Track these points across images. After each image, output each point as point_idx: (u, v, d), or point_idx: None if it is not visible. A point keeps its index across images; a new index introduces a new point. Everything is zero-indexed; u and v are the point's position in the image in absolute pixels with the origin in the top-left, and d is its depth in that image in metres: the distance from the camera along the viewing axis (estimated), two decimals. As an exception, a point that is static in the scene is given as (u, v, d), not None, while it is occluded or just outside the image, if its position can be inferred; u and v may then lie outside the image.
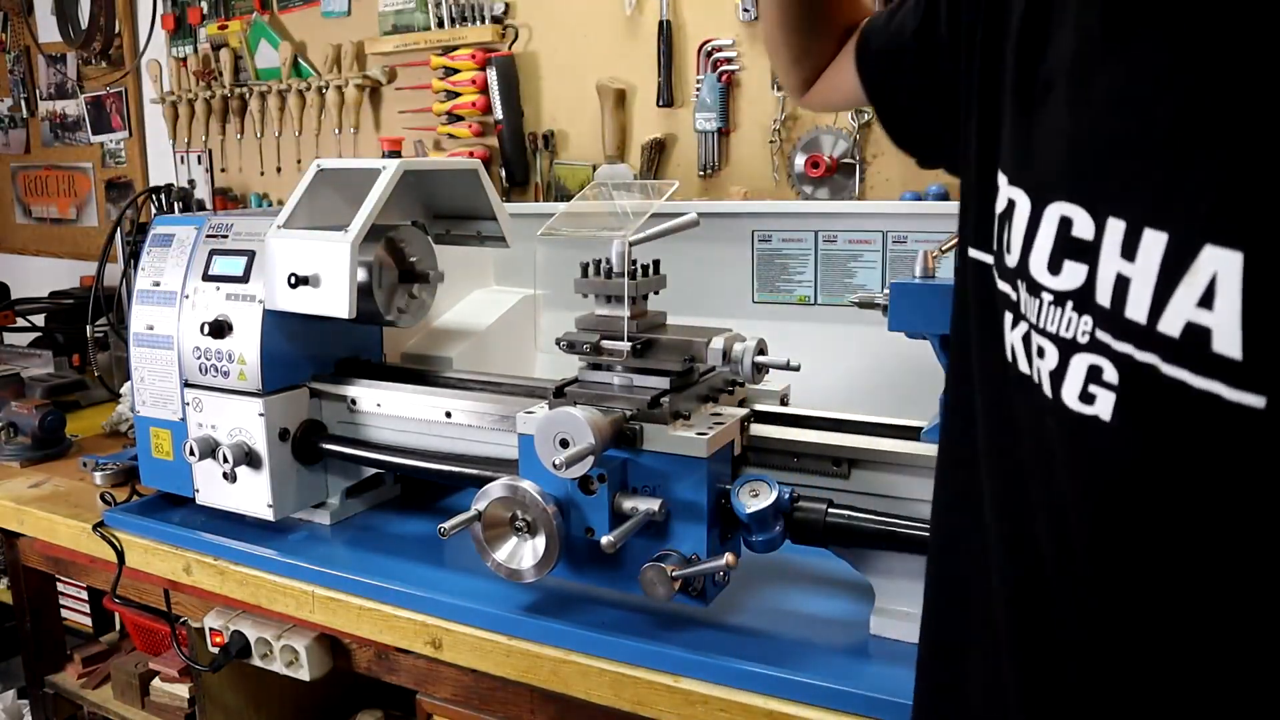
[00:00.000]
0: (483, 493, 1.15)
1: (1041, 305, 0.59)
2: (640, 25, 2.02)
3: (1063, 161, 0.59)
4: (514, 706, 1.25)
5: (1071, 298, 0.57)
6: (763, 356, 1.16)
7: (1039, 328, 0.60)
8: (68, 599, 2.51)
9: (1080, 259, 0.56)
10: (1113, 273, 0.54)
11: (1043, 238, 0.59)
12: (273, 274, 1.39)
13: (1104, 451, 0.56)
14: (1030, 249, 0.60)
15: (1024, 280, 0.61)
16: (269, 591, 1.40)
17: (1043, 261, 0.59)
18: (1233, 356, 0.49)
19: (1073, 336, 0.57)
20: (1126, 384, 0.54)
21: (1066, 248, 0.57)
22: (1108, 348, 0.55)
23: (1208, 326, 0.49)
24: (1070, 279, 0.57)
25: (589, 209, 1.29)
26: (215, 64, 2.68)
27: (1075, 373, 0.57)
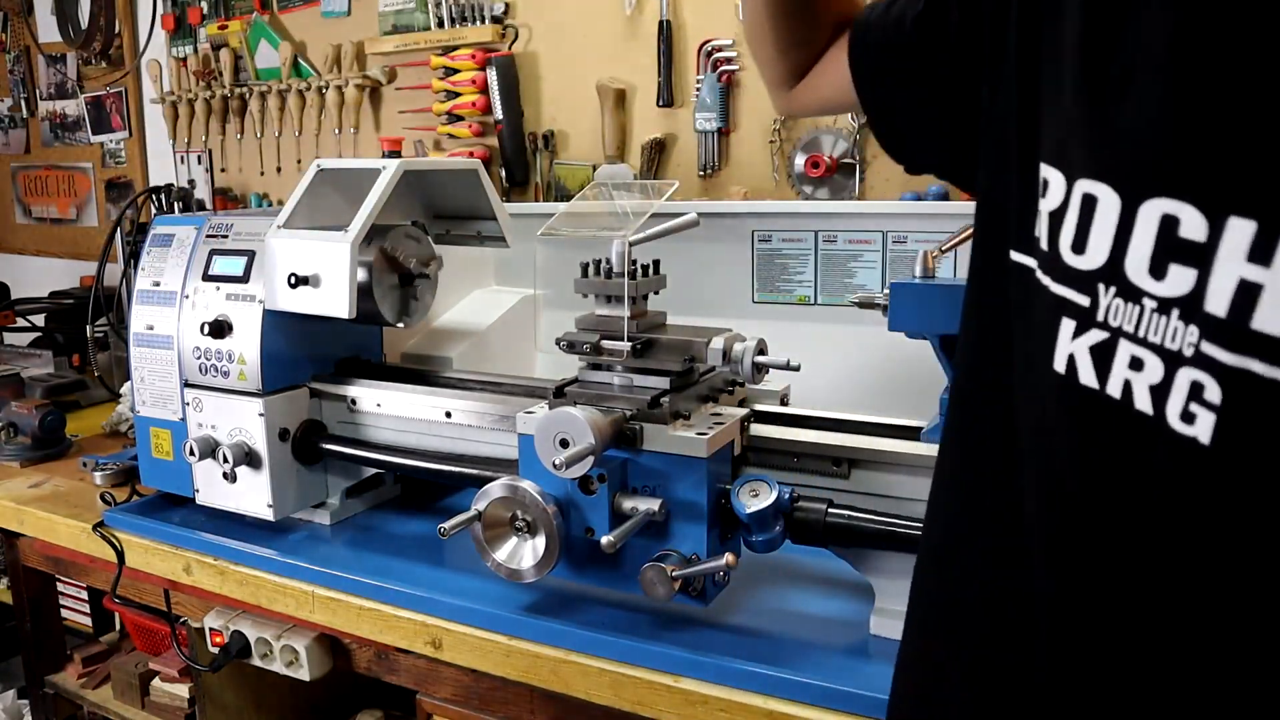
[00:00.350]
0: (483, 493, 1.15)
1: (1143, 312, 0.53)
2: (640, 25, 2.02)
3: (1162, 154, 0.52)
4: (514, 706, 1.25)
5: (1178, 305, 0.51)
6: (763, 356, 1.16)
7: (1139, 337, 0.53)
8: (68, 599, 2.51)
9: (1188, 263, 0.50)
10: (1233, 279, 0.48)
11: (1140, 238, 0.53)
12: (273, 274, 1.39)
13: (1200, 476, 0.51)
14: (1125, 250, 0.53)
15: (1114, 284, 0.54)
16: (269, 591, 1.40)
17: (1142, 264, 0.52)
18: None
19: (1178, 348, 0.51)
20: (1234, 403, 0.48)
21: (1171, 249, 0.51)
22: (1215, 362, 0.49)
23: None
24: (1177, 284, 0.51)
25: (589, 209, 1.29)
26: (215, 64, 2.68)
27: (1179, 389, 0.51)
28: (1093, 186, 0.55)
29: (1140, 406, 0.53)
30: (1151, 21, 0.53)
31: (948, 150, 0.77)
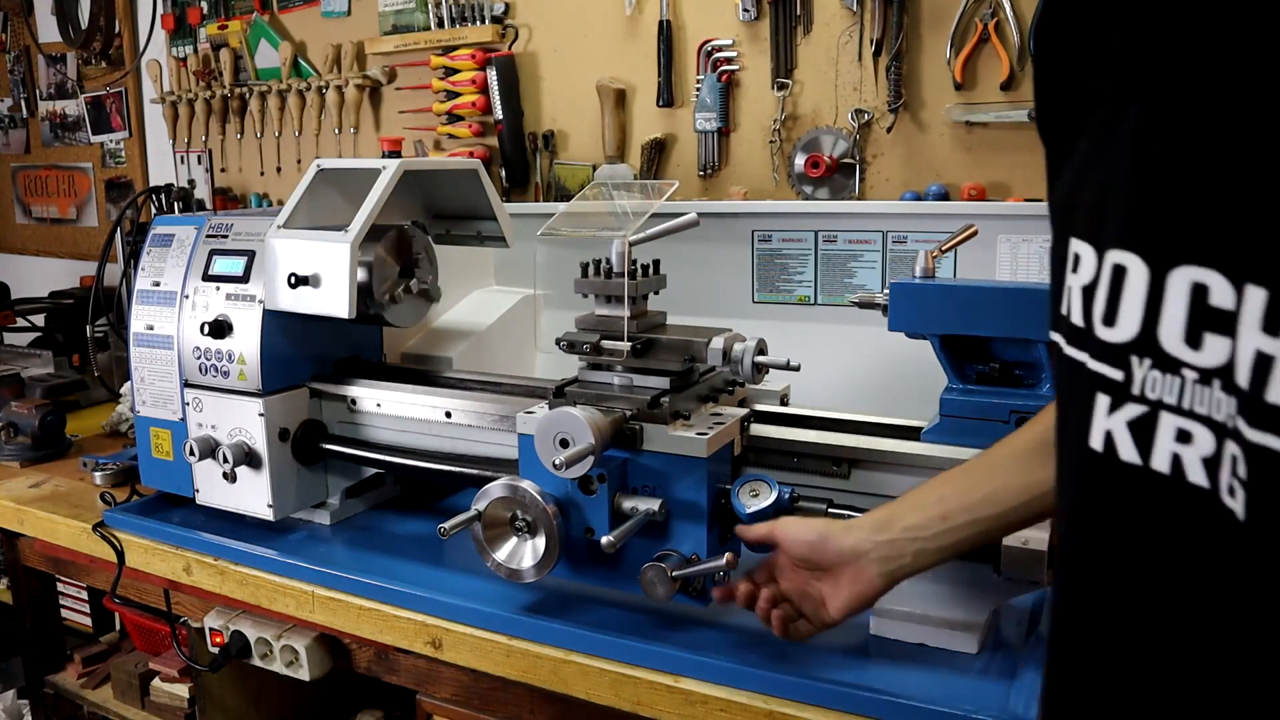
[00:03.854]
0: (483, 493, 1.15)
1: (1184, 384, 0.51)
2: (640, 25, 2.02)
3: (1187, 222, 0.51)
4: (514, 706, 1.25)
5: (1218, 376, 0.49)
6: (763, 356, 1.16)
7: (1183, 409, 0.52)
8: (68, 599, 2.51)
9: (1222, 332, 0.49)
10: (1252, 350, 0.47)
11: (1173, 307, 0.51)
12: (273, 274, 1.39)
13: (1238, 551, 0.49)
14: (1158, 320, 0.52)
15: (1149, 356, 0.53)
16: (269, 591, 1.40)
17: (1177, 334, 0.51)
18: None
19: (1224, 420, 0.49)
20: (1260, 479, 0.47)
21: (1205, 319, 0.49)
22: (1242, 437, 0.48)
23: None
24: (1213, 354, 0.49)
25: (589, 209, 1.29)
26: (215, 64, 2.68)
27: (1227, 461, 0.49)
28: (1124, 257, 0.54)
29: (1194, 479, 0.52)
30: (1162, 93, 0.53)
31: None
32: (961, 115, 1.74)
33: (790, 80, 1.88)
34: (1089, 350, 0.57)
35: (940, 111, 1.77)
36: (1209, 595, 0.52)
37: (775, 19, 1.87)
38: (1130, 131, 0.55)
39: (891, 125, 1.80)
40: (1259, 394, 0.47)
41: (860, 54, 1.81)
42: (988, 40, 1.70)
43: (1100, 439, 0.56)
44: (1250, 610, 0.50)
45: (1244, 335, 0.47)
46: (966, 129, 1.75)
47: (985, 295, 1.14)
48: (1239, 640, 0.51)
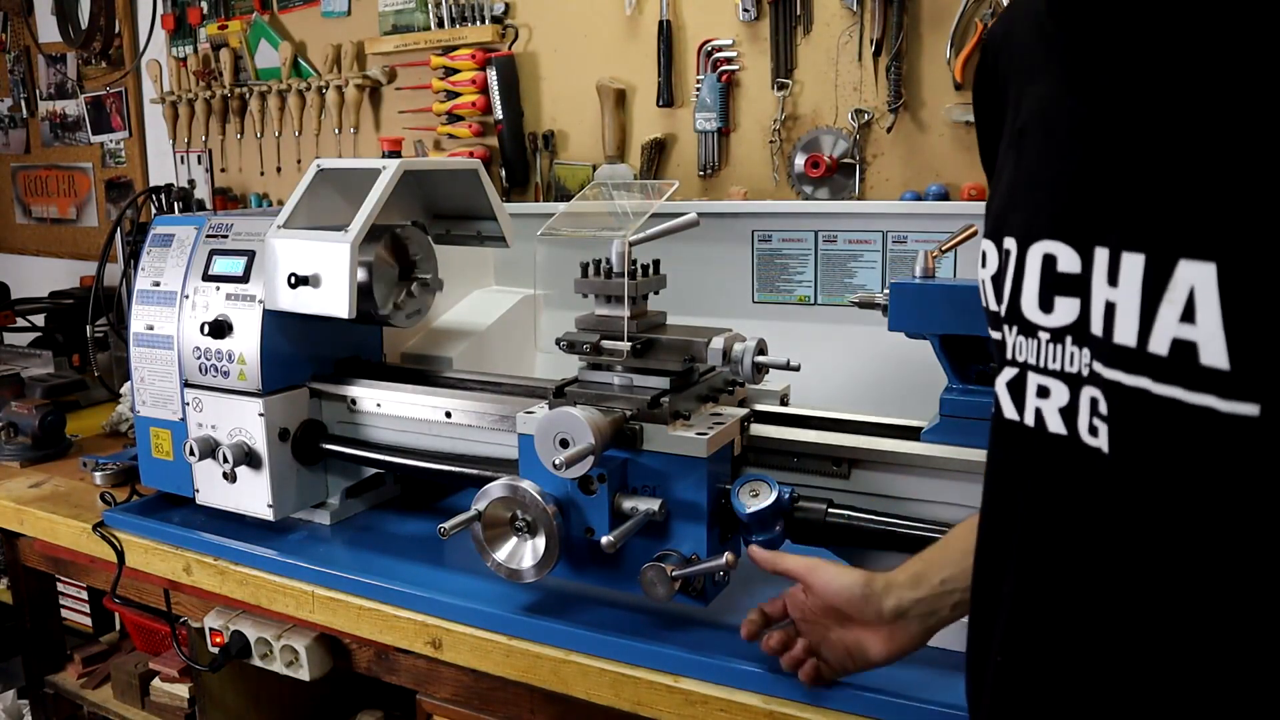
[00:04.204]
0: (483, 493, 1.15)
1: (1040, 344, 0.59)
2: (640, 25, 2.02)
3: (1042, 202, 0.60)
4: (514, 706, 1.25)
5: (1070, 332, 0.57)
6: (763, 356, 1.16)
7: (1039, 367, 0.60)
8: (68, 599, 2.51)
9: (1071, 293, 0.57)
10: (1102, 301, 0.54)
11: (1029, 278, 0.60)
12: (273, 274, 1.39)
13: (1106, 486, 0.56)
14: (1020, 291, 0.60)
15: (1015, 323, 0.61)
16: (269, 591, 1.40)
17: (1033, 300, 0.59)
18: (1221, 367, 0.49)
19: (1077, 371, 0.57)
20: (1118, 413, 0.54)
21: (1055, 284, 0.58)
22: (1100, 377, 0.55)
23: (1193, 340, 0.49)
24: (1064, 314, 0.58)
25: (589, 209, 1.29)
26: (215, 64, 2.68)
27: (1085, 407, 0.57)
28: (1008, 242, 0.63)
29: (1054, 429, 0.59)
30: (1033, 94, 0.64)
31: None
32: (961, 115, 1.74)
33: (790, 80, 1.88)
34: (997, 328, 0.66)
35: (940, 111, 1.77)
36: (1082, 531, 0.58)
37: (775, 19, 1.87)
38: (1015, 137, 0.65)
39: (891, 125, 1.80)
40: (1109, 337, 0.54)
41: (860, 54, 1.81)
42: (988, 40, 1.70)
43: (994, 400, 0.65)
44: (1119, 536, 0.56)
45: (1095, 290, 0.55)
46: (966, 129, 1.75)
47: (985, 295, 1.14)
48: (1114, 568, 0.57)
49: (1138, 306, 0.52)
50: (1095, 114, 0.57)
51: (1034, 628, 0.63)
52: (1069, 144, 0.59)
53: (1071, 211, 0.57)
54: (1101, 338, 0.55)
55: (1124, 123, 0.55)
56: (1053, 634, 0.61)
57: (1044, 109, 0.62)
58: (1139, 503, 0.54)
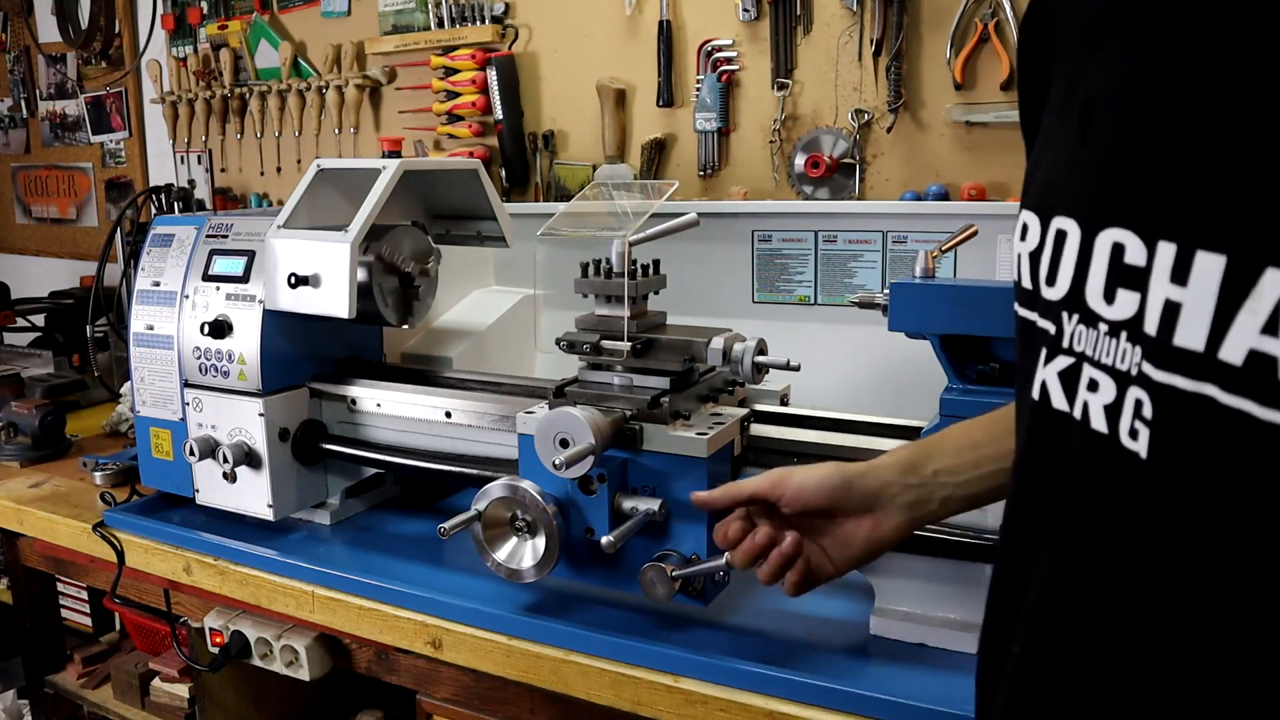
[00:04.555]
0: (483, 493, 1.15)
1: (1098, 336, 0.57)
2: (640, 25, 2.02)
3: (1111, 186, 0.56)
4: (514, 706, 1.25)
5: (1125, 328, 0.54)
6: (763, 356, 1.16)
7: (1094, 360, 0.57)
8: (68, 599, 2.51)
9: (1133, 287, 0.54)
10: (1161, 300, 0.51)
11: (1096, 266, 0.56)
12: (273, 274, 1.39)
13: (1141, 491, 0.54)
14: (1085, 278, 0.57)
15: (1077, 311, 0.58)
16: (269, 591, 1.40)
17: (1099, 290, 0.56)
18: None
19: (1127, 369, 0.54)
20: (1164, 418, 0.51)
21: (1119, 275, 0.55)
22: (1148, 379, 0.52)
23: (1274, 355, 0.46)
24: (1123, 308, 0.54)
25: (589, 209, 1.29)
26: (215, 64, 2.68)
27: (1129, 407, 0.54)
28: (1064, 222, 0.59)
29: (1096, 426, 0.57)
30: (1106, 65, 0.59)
31: None
32: (961, 115, 1.74)
33: (790, 80, 1.88)
34: (1037, 309, 0.63)
35: (940, 111, 1.77)
36: (1116, 534, 0.56)
37: (775, 19, 1.87)
38: (1079, 108, 0.60)
39: (891, 125, 1.80)
40: (1167, 338, 0.51)
41: (860, 54, 1.81)
42: (988, 40, 1.70)
43: (1038, 388, 0.62)
44: (1153, 544, 0.54)
45: (1154, 287, 0.52)
46: (966, 129, 1.75)
47: (985, 295, 1.14)
48: (1146, 576, 0.54)
49: (1211, 310, 0.48)
50: (1187, 98, 0.52)
51: (1061, 623, 0.61)
52: (1150, 127, 0.54)
53: (1144, 200, 0.53)
54: (1155, 338, 0.52)
55: (1223, 112, 0.50)
56: (1080, 632, 0.60)
57: (1120, 85, 0.57)
58: (1178, 512, 0.52)
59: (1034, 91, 0.70)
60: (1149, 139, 0.54)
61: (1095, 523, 0.58)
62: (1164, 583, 0.54)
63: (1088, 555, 0.59)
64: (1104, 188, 0.57)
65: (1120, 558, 0.56)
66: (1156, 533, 0.54)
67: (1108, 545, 0.57)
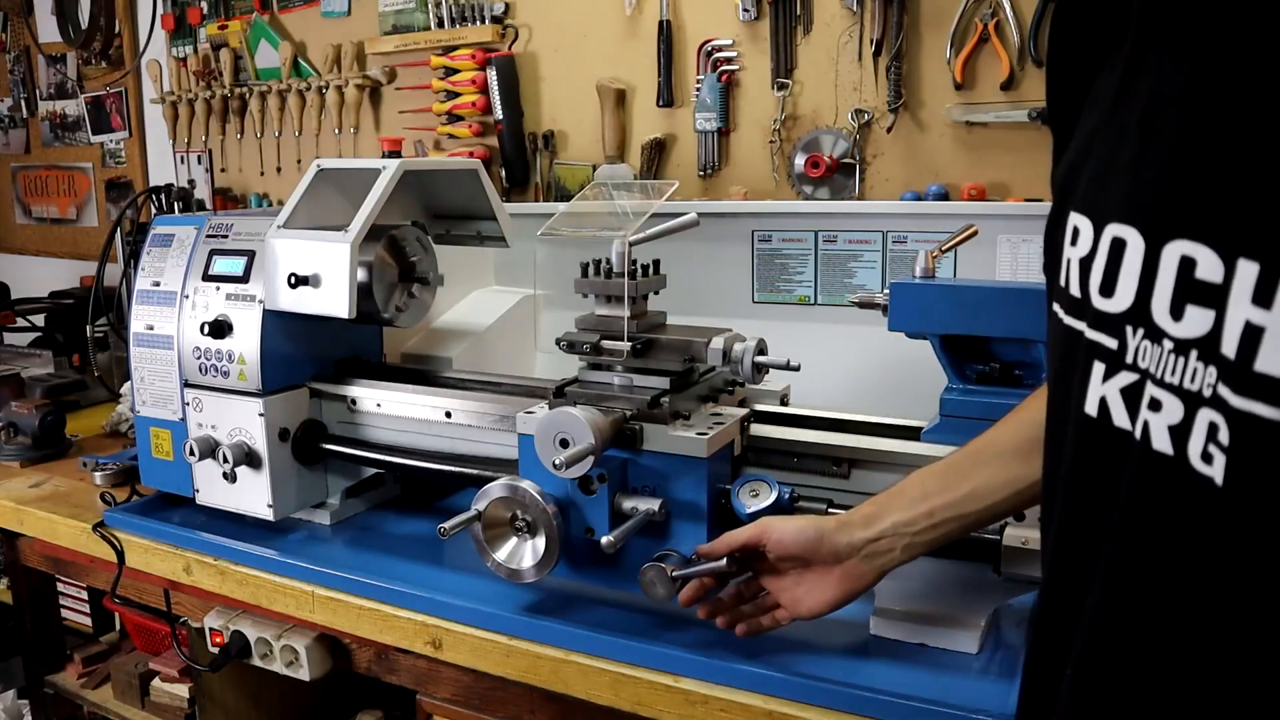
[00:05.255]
0: (483, 493, 1.15)
1: (1163, 353, 0.53)
2: (640, 25, 2.02)
3: (1178, 195, 0.53)
4: (514, 706, 1.25)
5: (1196, 346, 0.51)
6: (763, 356, 1.16)
7: (1158, 378, 0.54)
8: (68, 599, 2.51)
9: (1206, 304, 0.50)
10: (1241, 320, 0.48)
11: (1163, 279, 0.53)
12: (273, 274, 1.39)
13: (1215, 518, 0.51)
14: (1151, 291, 0.54)
15: (1141, 326, 0.55)
16: (269, 591, 1.40)
17: (1165, 305, 0.53)
18: None
19: (1198, 389, 0.51)
20: (1244, 445, 0.49)
21: (1189, 291, 0.51)
22: (1226, 404, 0.49)
23: None
24: (1194, 326, 0.51)
25: (589, 209, 1.29)
26: (215, 64, 2.68)
27: (1200, 429, 0.51)
28: (1123, 230, 0.56)
29: (1158, 447, 0.54)
30: (1168, 68, 0.54)
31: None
32: (961, 115, 1.74)
33: (790, 80, 1.88)
34: (1086, 319, 0.59)
35: (940, 111, 1.77)
36: (1184, 560, 0.54)
37: (775, 19, 1.87)
38: (1139, 108, 0.56)
39: (891, 125, 1.80)
40: (1247, 363, 0.48)
41: (860, 54, 1.81)
42: (988, 40, 1.70)
43: (1095, 405, 0.58)
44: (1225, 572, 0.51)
45: (1233, 307, 0.49)
46: (966, 129, 1.75)
47: (985, 295, 1.14)
48: (1215, 604, 0.52)
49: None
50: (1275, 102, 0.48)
51: (1118, 646, 0.59)
52: (1229, 133, 0.50)
53: (1220, 213, 0.50)
54: (1235, 361, 0.49)
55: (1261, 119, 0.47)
56: (1139, 655, 0.58)
57: (1192, 85, 0.52)
58: (1254, 541, 0.50)
59: (1071, 80, 0.66)
60: (1227, 147, 0.50)
61: (1157, 546, 0.55)
62: (1230, 610, 0.52)
63: (1148, 578, 0.56)
64: (1170, 197, 0.53)
65: (1184, 583, 0.54)
66: (1228, 560, 0.51)
67: (1170, 569, 0.55)
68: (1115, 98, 0.59)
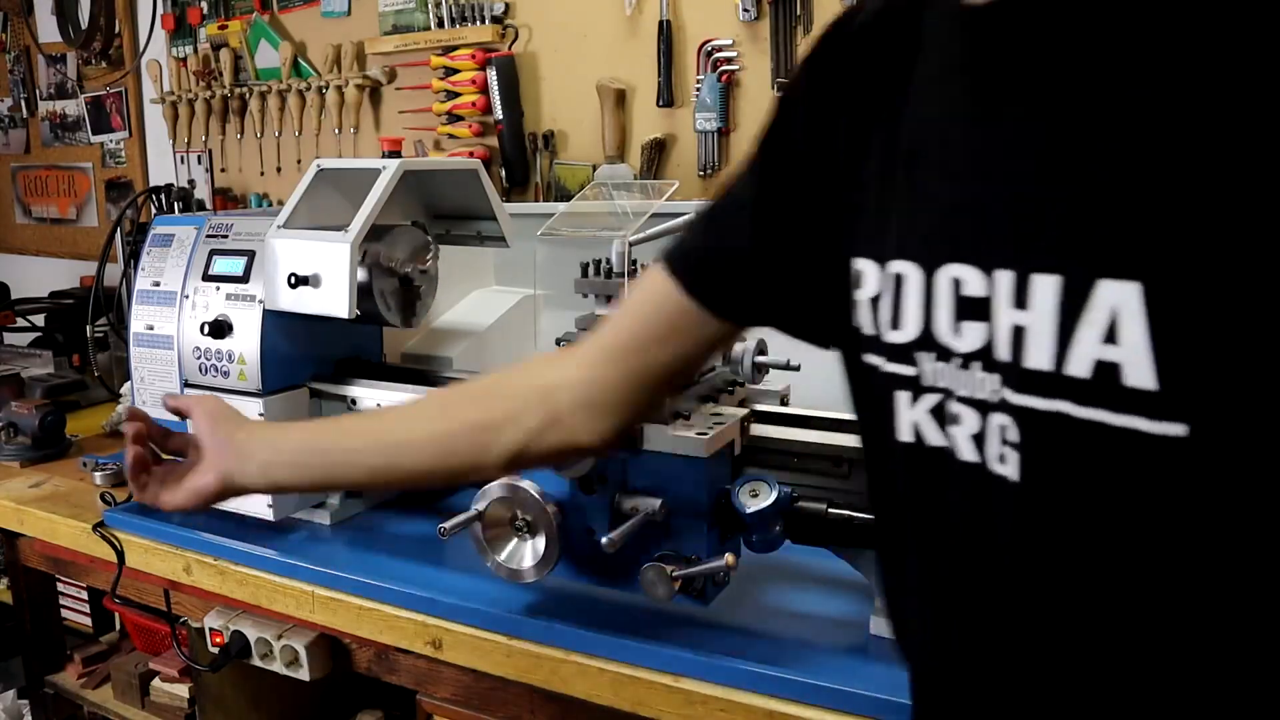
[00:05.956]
0: (483, 493, 1.15)
1: (953, 370, 0.58)
2: (640, 25, 2.02)
3: (944, 226, 0.58)
4: (514, 706, 1.25)
5: (978, 358, 0.56)
6: (763, 356, 1.16)
7: (954, 394, 0.59)
8: (68, 599, 2.51)
9: (978, 317, 0.56)
10: (1008, 325, 0.54)
11: (941, 303, 0.58)
12: (273, 274, 1.39)
13: (1015, 513, 0.56)
14: (931, 316, 0.59)
15: (931, 350, 0.60)
16: (269, 591, 1.40)
17: (946, 325, 0.58)
18: (1148, 388, 0.48)
19: (986, 397, 0.56)
20: (1029, 439, 0.54)
21: (963, 308, 0.57)
22: (1009, 404, 0.55)
23: (1116, 362, 0.49)
24: (973, 339, 0.57)
25: (589, 209, 1.30)
26: (215, 64, 2.68)
27: (993, 433, 0.56)
28: (900, 266, 0.61)
29: (966, 456, 0.59)
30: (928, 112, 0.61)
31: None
32: (961, 115, 1.74)
33: (790, 80, 1.88)
34: (883, 354, 0.64)
35: (940, 111, 1.77)
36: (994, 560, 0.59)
37: (775, 19, 1.87)
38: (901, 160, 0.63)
39: (891, 125, 1.80)
40: (1018, 363, 0.54)
41: (860, 54, 1.81)
42: (988, 40, 1.70)
43: (909, 430, 0.62)
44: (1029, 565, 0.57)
45: (999, 314, 0.54)
46: (966, 129, 1.75)
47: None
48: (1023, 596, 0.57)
49: (1053, 329, 0.51)
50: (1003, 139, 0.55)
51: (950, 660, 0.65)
52: (973, 167, 0.57)
53: (975, 235, 0.56)
54: (1009, 363, 0.54)
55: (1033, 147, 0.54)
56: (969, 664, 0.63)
57: (942, 131, 0.60)
58: (1049, 529, 0.55)
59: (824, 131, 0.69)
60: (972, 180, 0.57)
61: (980, 550, 0.60)
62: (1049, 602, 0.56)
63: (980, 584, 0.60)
64: (935, 228, 0.59)
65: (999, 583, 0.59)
66: (1034, 553, 0.56)
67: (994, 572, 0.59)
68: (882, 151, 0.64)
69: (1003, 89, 0.56)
